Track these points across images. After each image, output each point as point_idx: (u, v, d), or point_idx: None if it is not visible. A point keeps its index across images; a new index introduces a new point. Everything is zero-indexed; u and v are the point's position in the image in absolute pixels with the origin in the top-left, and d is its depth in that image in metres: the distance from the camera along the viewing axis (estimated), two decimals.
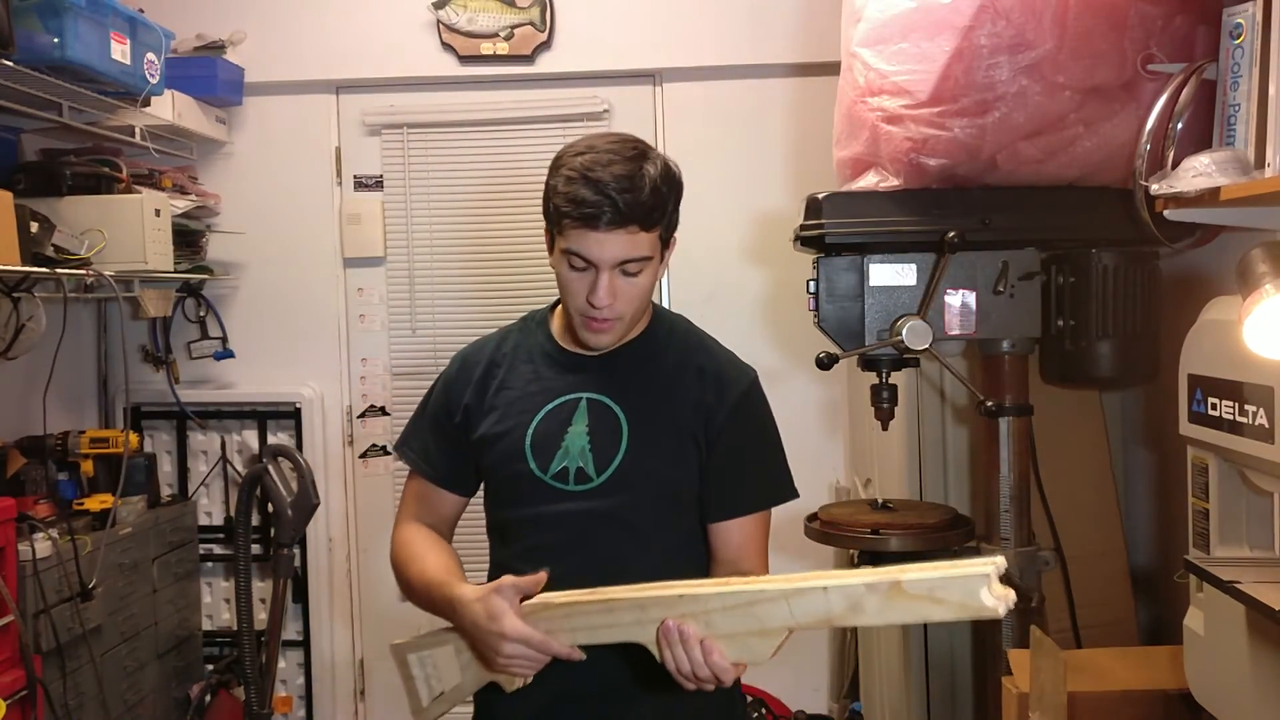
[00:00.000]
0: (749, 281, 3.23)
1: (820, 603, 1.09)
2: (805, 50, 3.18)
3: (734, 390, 1.48)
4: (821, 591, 1.08)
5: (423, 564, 1.48)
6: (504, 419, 1.48)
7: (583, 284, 1.38)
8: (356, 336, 3.38)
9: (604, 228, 1.33)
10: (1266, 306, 1.29)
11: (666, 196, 1.38)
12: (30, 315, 2.57)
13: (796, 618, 1.11)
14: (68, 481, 2.78)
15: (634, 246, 1.36)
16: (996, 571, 0.99)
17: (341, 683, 3.37)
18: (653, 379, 1.48)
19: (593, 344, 1.45)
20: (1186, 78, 1.71)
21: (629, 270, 1.38)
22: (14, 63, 2.21)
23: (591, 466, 1.43)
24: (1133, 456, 2.38)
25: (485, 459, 1.50)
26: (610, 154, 1.35)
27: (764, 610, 1.13)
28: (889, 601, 1.04)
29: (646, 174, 1.35)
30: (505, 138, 3.29)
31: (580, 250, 1.36)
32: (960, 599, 1.00)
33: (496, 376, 1.52)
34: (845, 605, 1.07)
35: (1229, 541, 1.48)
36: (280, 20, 3.24)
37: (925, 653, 2.32)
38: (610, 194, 1.32)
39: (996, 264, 1.89)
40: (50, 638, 2.42)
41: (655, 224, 1.37)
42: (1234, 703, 1.43)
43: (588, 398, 1.47)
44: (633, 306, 1.42)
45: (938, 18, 1.74)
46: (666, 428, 1.46)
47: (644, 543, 1.44)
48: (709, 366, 1.50)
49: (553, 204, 1.38)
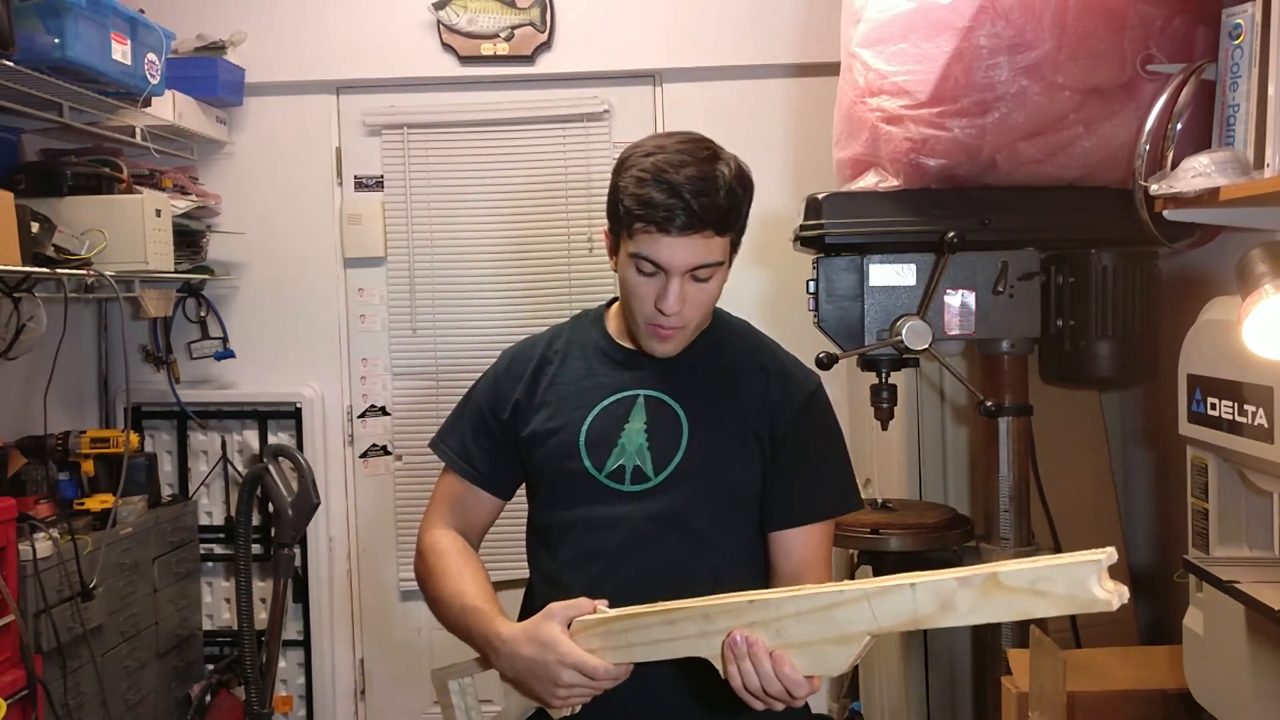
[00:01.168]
0: (749, 281, 3.23)
1: (907, 602, 0.99)
2: (805, 50, 3.18)
3: (801, 390, 1.42)
4: (909, 589, 0.98)
5: (459, 584, 1.38)
6: (556, 415, 1.42)
7: (650, 289, 1.32)
8: (357, 336, 3.38)
9: (677, 232, 1.27)
10: (1266, 306, 1.29)
11: (740, 199, 1.32)
12: (31, 315, 2.57)
13: (880, 620, 1.01)
14: (68, 481, 2.78)
15: (707, 251, 1.30)
16: (1108, 560, 0.90)
17: (341, 683, 3.38)
18: (713, 376, 1.42)
19: (657, 352, 1.39)
20: (1186, 78, 1.71)
21: (700, 276, 1.32)
22: (14, 63, 2.21)
23: (649, 465, 1.36)
24: (1132, 456, 2.38)
25: (535, 456, 1.43)
26: (683, 155, 1.29)
27: (843, 614, 1.03)
28: (985, 596, 0.94)
29: (721, 176, 1.29)
30: (505, 138, 3.29)
31: (651, 255, 1.30)
32: (1067, 590, 0.90)
33: (548, 373, 1.45)
34: (934, 604, 0.97)
35: (1228, 541, 1.49)
36: (280, 20, 3.24)
37: (925, 653, 2.32)
38: (685, 196, 1.26)
39: (996, 264, 1.89)
40: (51, 637, 2.42)
41: (729, 228, 1.32)
42: (1233, 702, 1.43)
43: (645, 394, 1.40)
44: (700, 313, 1.36)
45: (937, 18, 1.75)
46: (729, 426, 1.39)
47: (703, 548, 1.35)
48: (773, 366, 1.44)
49: (622, 206, 1.31)
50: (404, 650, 3.39)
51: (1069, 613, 0.93)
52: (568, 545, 1.40)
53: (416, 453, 3.34)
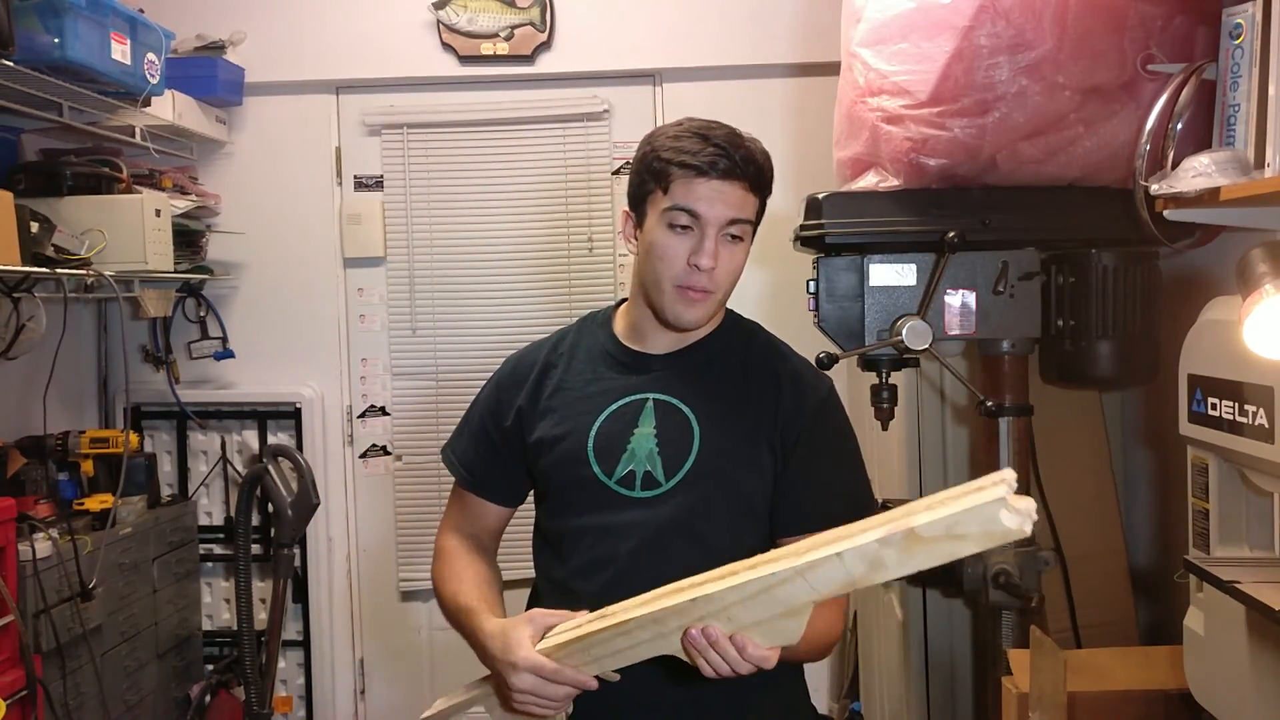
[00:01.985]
0: (749, 281, 3.18)
1: (838, 570, 1.03)
2: (805, 50, 3.18)
3: (814, 396, 1.40)
4: (836, 559, 1.02)
5: (457, 585, 1.40)
6: (563, 421, 1.40)
7: (684, 247, 1.32)
8: (356, 336, 3.38)
9: (718, 176, 1.30)
10: (1266, 306, 1.29)
11: (769, 169, 1.36)
12: (30, 315, 2.57)
13: (818, 590, 1.05)
14: (68, 481, 2.77)
15: (743, 205, 1.32)
16: (1009, 489, 0.92)
17: (341, 683, 3.38)
18: (723, 380, 1.41)
19: (685, 318, 1.36)
20: (1186, 78, 1.71)
21: (734, 234, 1.33)
22: (14, 63, 2.21)
23: (660, 471, 1.35)
24: (1132, 456, 2.38)
25: (543, 464, 1.41)
26: (710, 122, 1.35)
27: (783, 591, 1.07)
28: (908, 551, 0.98)
29: (748, 140, 1.34)
30: (505, 138, 3.29)
31: (689, 204, 1.30)
32: (981, 529, 0.94)
33: (553, 377, 1.44)
34: (864, 566, 1.01)
35: (1229, 541, 1.48)
36: (280, 20, 3.24)
37: (925, 653, 2.32)
38: (723, 146, 1.30)
39: (996, 264, 1.89)
40: (50, 638, 2.42)
41: (763, 187, 1.35)
42: (1234, 703, 1.43)
43: (655, 398, 1.38)
44: (729, 280, 1.36)
45: (938, 18, 1.74)
46: (740, 431, 1.37)
47: (714, 555, 1.26)
48: (785, 370, 1.42)
49: (658, 161, 1.32)
50: (404, 650, 3.39)
51: (989, 547, 0.96)
52: (578, 553, 1.38)
53: (416, 453, 3.34)
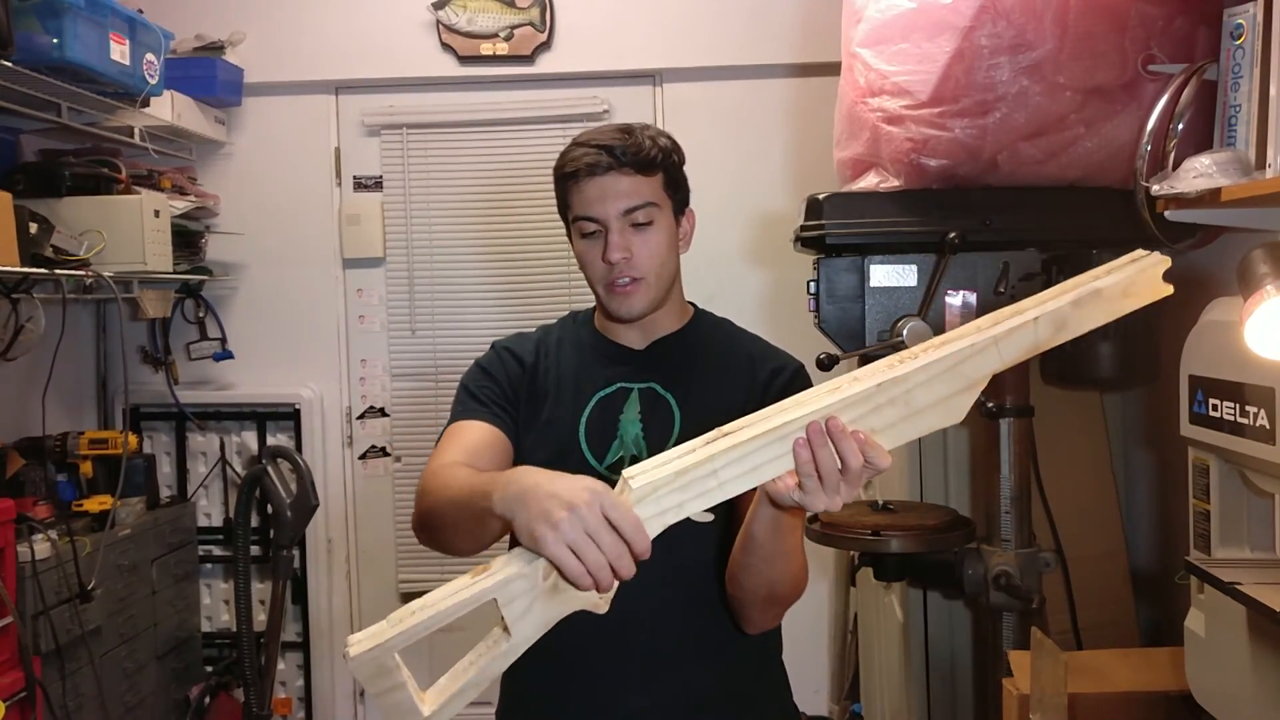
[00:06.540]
0: (749, 282, 3.23)
1: (1028, 336, 1.03)
2: (805, 50, 3.17)
3: (787, 370, 1.46)
4: (1032, 325, 1.03)
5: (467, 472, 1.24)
6: (555, 407, 1.44)
7: (597, 249, 1.38)
8: (356, 337, 3.37)
9: (601, 173, 1.35)
10: (1267, 307, 1.29)
11: (663, 147, 1.39)
12: (29, 316, 2.57)
13: (1005, 358, 1.04)
14: (67, 483, 2.77)
15: (635, 191, 1.36)
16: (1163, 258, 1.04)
17: (340, 685, 3.37)
18: (700, 366, 1.46)
19: (622, 311, 1.41)
20: (1187, 78, 1.71)
21: (638, 220, 1.37)
22: (13, 63, 2.21)
23: (645, 454, 1.37)
24: (1133, 457, 2.37)
25: (535, 451, 1.40)
26: (603, 128, 1.41)
27: (971, 365, 1.04)
28: (1088, 309, 1.03)
29: (638, 129, 1.38)
30: (505, 138, 3.29)
31: (584, 210, 1.36)
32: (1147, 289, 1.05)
33: (543, 366, 1.49)
34: (1051, 330, 1.03)
35: (1230, 543, 1.48)
36: (280, 20, 3.24)
37: (925, 654, 2.31)
38: (602, 144, 1.35)
39: (997, 265, 1.88)
40: (49, 639, 2.42)
41: (653, 169, 1.37)
42: (1235, 705, 1.43)
43: (638, 387, 1.44)
44: (653, 264, 1.39)
45: (938, 18, 1.74)
46: (719, 412, 1.31)
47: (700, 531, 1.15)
48: (757, 352, 1.48)
49: (557, 182, 1.40)
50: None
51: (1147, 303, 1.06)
52: None
53: (416, 454, 3.34)
